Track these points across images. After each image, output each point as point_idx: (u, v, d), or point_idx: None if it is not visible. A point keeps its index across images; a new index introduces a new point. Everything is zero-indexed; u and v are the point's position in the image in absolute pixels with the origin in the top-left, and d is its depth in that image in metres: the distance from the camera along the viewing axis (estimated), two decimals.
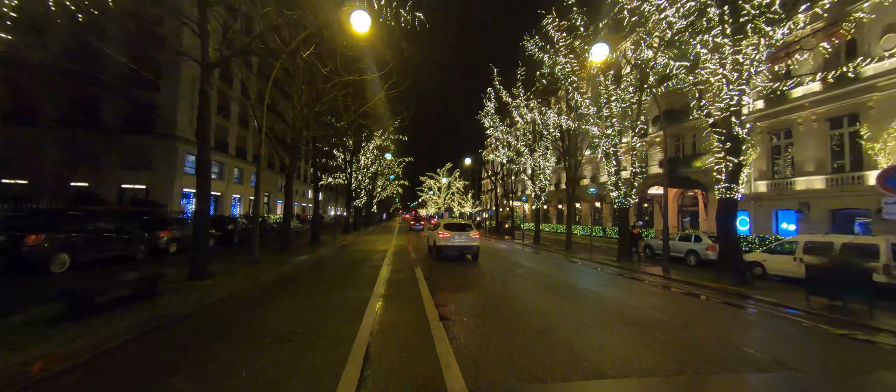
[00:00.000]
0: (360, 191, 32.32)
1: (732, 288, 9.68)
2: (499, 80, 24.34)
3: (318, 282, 8.55)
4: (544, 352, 4.37)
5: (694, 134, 25.18)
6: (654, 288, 10.03)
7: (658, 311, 6.98)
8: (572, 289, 9.08)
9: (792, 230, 18.67)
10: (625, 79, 14.39)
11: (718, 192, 10.52)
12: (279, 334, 4.76)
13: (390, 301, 6.66)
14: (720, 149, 10.34)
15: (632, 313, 6.67)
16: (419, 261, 12.98)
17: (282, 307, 6.34)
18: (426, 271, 10.52)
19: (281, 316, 5.70)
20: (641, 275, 12.65)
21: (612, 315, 6.46)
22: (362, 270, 10.44)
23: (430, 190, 77.00)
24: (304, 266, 11.01)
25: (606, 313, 6.56)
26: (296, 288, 7.79)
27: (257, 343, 4.48)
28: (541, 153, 24.39)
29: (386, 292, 7.38)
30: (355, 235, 27.23)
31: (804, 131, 17.89)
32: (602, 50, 12.32)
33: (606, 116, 15.07)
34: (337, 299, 6.75)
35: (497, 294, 7.97)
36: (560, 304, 7.24)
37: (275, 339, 4.61)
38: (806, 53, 9.04)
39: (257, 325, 5.25)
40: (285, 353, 4.17)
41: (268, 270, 9.34)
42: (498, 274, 10.72)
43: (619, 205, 15.39)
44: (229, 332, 5.03)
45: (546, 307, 6.89)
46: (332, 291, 7.50)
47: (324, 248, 16.07)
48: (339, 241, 21.34)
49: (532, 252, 19.19)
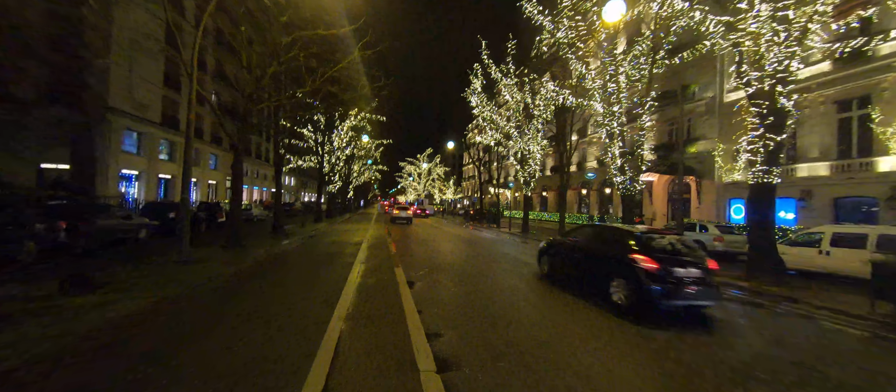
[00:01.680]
0: (333, 175, 29.56)
1: (770, 289, 8.28)
2: (487, 55, 22.17)
3: (257, 293, 6.25)
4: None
5: (689, 118, 24.20)
6: None
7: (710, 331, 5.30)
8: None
9: (791, 219, 17.97)
10: (640, 43, 12.61)
11: (753, 176, 9.01)
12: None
13: (359, 330, 4.45)
14: (757, 124, 8.78)
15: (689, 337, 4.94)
16: (401, 257, 10.91)
17: (168, 351, 3.80)
18: (410, 272, 8.47)
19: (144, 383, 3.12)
20: None
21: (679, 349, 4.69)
22: (327, 272, 8.25)
23: (410, 176, 74.44)
24: (250, 266, 8.67)
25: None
26: (221, 306, 5.47)
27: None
28: (531, 136, 22.63)
29: (353, 310, 5.25)
30: (328, 224, 24.69)
31: (809, 114, 16.96)
32: (617, 8, 10.44)
33: (614, 91, 13.34)
34: (279, 325, 4.55)
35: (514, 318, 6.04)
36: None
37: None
38: (871, 8, 7.46)
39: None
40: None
41: (192, 276, 6.97)
42: (506, 278, 8.83)
43: (623, 191, 13.84)
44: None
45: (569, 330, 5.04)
46: (275, 310, 5.27)
47: (287, 240, 13.66)
48: (307, 230, 18.84)
49: (522, 243, 17.53)
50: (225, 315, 4.93)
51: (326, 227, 21.88)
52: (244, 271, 8.03)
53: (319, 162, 25.72)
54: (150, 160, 23.84)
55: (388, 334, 4.25)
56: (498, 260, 11.17)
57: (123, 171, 21.87)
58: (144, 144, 23.35)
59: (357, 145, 32.12)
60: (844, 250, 9.71)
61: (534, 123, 22.37)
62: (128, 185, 22.76)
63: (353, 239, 15.42)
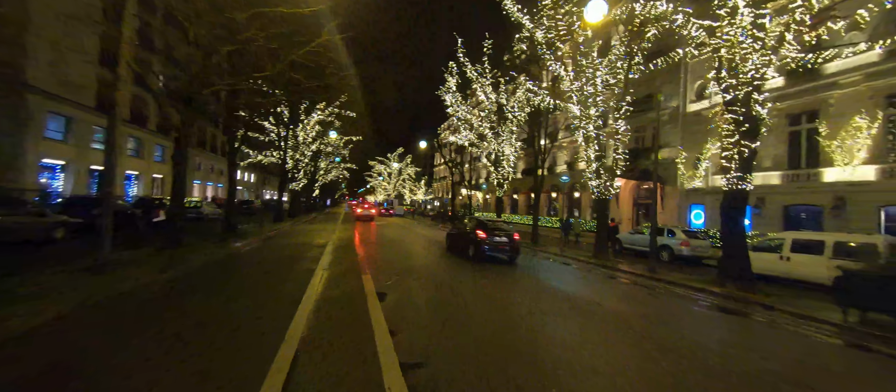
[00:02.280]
0: (297, 172, 27.72)
1: (740, 293, 8.33)
2: (463, 53, 21.67)
3: (183, 311, 4.97)
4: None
5: (654, 126, 25.09)
6: (648, 293, 8.30)
7: (684, 333, 4.98)
8: (570, 299, 6.86)
9: (747, 225, 19.02)
10: (617, 47, 12.57)
11: (728, 182, 9.08)
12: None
13: (315, 365, 3.41)
14: (732, 131, 8.84)
15: (656, 334, 4.56)
16: (370, 261, 10.00)
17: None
18: (380, 279, 7.62)
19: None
20: (624, 273, 11.11)
21: (629, 335, 4.26)
22: (283, 281, 7.20)
23: (380, 176, 72.59)
24: (186, 274, 7.42)
25: (623, 334, 4.35)
26: (119, 334, 4.11)
27: None
28: (505, 138, 22.41)
29: (311, 333, 4.31)
30: (290, 224, 22.99)
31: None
32: (599, 8, 10.21)
33: (590, 94, 13.24)
34: (203, 368, 3.38)
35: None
36: (556, 319, 4.92)
37: None
38: (841, 21, 7.68)
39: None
40: None
41: (99, 288, 5.69)
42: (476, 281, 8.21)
43: (598, 195, 13.78)
44: None
45: (563, 338, 4.50)
46: (202, 339, 4.18)
47: (240, 241, 12.24)
48: (266, 231, 17.27)
49: None
50: (124, 348, 3.71)
51: (288, 228, 20.29)
52: (177, 279, 6.79)
53: (282, 157, 23.93)
54: (81, 149, 20.95)
55: (353, 370, 3.41)
56: (469, 263, 10.57)
57: (46, 160, 19.00)
58: (74, 131, 20.47)
59: (324, 141, 30.40)
60: (804, 256, 10.08)
61: (508, 125, 22.18)
62: (51, 176, 19.82)
63: (317, 241, 14.21)
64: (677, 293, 8.57)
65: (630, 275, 10.93)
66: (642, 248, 15.81)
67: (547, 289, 7.87)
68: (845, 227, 14.42)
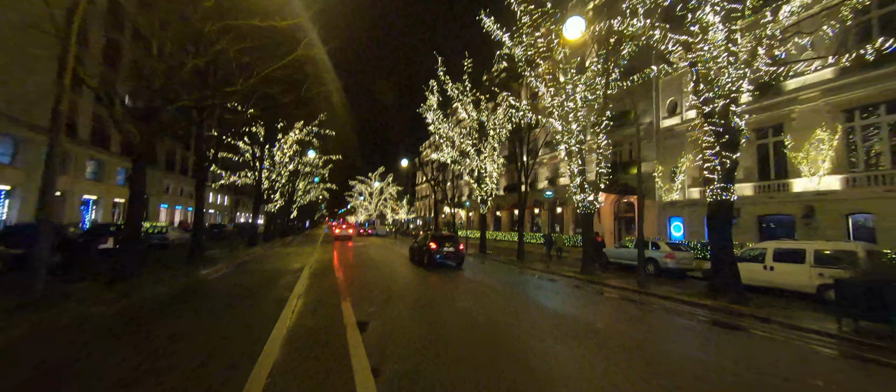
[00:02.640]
0: (273, 193, 26.60)
1: (733, 306, 8.19)
2: (444, 71, 21.76)
3: (117, 358, 4.12)
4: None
5: (630, 141, 25.85)
6: (641, 309, 8.03)
7: (690, 353, 4.66)
8: (556, 316, 6.46)
9: None
10: (595, 63, 12.78)
11: (711, 194, 9.11)
12: None
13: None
14: (713, 143, 8.94)
15: (661, 354, 4.21)
16: (350, 286, 9.31)
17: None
18: (361, 306, 6.99)
19: None
20: (613, 289, 10.89)
21: (635, 357, 3.90)
22: (252, 312, 6.47)
23: (361, 195, 71.33)
24: (137, 308, 6.57)
25: (628, 356, 3.97)
26: None
27: None
28: (487, 154, 22.37)
29: (277, 381, 3.71)
30: (265, 248, 21.76)
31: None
32: (577, 25, 10.37)
33: (571, 109, 13.35)
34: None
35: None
36: (559, 348, 4.50)
37: None
38: (806, 38, 8.00)
39: None
40: None
41: (23, 328, 4.86)
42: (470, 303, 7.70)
43: (583, 210, 13.70)
44: None
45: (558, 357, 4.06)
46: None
47: (207, 268, 11.25)
48: (238, 256, 16.16)
49: (489, 264, 16.67)
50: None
51: (262, 252, 19.14)
52: (123, 316, 5.94)
53: (256, 178, 22.89)
54: (31, 173, 19.25)
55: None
56: (459, 286, 10.06)
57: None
58: (24, 153, 18.85)
59: (302, 161, 29.50)
60: (787, 265, 10.17)
61: (490, 142, 22.19)
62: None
63: (293, 265, 13.32)
64: (671, 308, 8.34)
65: (619, 290, 10.70)
66: (628, 261, 15.77)
67: (542, 311, 7.46)
68: (816, 234, 14.91)
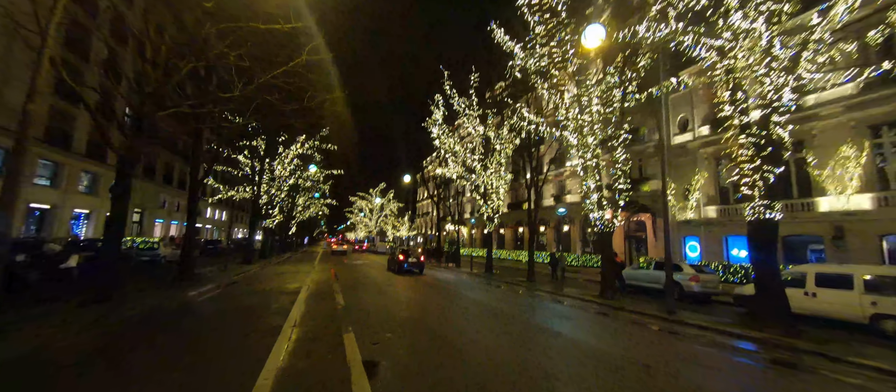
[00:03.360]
0: (272, 208, 25.75)
1: (785, 339, 7.23)
2: (450, 85, 21.34)
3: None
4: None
5: (640, 158, 25.23)
6: (680, 342, 7.04)
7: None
8: (596, 354, 5.48)
9: (744, 257, 18.50)
10: (612, 75, 12.20)
11: (751, 212, 8.29)
12: None
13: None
14: (752, 157, 8.19)
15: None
16: (352, 313, 8.36)
17: None
18: (367, 338, 6.04)
19: None
20: (638, 316, 9.92)
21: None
22: (237, 346, 5.54)
23: (361, 211, 70.38)
24: (102, 339, 5.64)
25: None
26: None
27: None
28: (493, 170, 21.67)
29: None
30: (260, 266, 20.73)
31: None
32: (597, 33, 9.82)
33: (587, 122, 12.71)
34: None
35: None
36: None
37: None
38: (853, 43, 7.38)
39: None
40: None
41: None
42: (490, 336, 6.73)
43: (601, 228, 12.84)
44: None
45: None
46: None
47: (195, 289, 10.29)
48: (231, 274, 15.17)
49: (493, 286, 15.65)
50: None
51: (258, 270, 18.13)
52: (85, 347, 5.00)
53: (254, 192, 22.08)
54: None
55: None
56: (471, 313, 9.09)
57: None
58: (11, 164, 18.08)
59: (302, 175, 28.81)
60: (831, 291, 9.24)
61: (496, 157, 21.54)
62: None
63: (289, 286, 12.34)
64: (717, 342, 7.35)
65: (649, 317, 9.71)
66: (647, 284, 14.77)
67: (577, 347, 6.50)
68: (848, 257, 14.01)
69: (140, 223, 30.84)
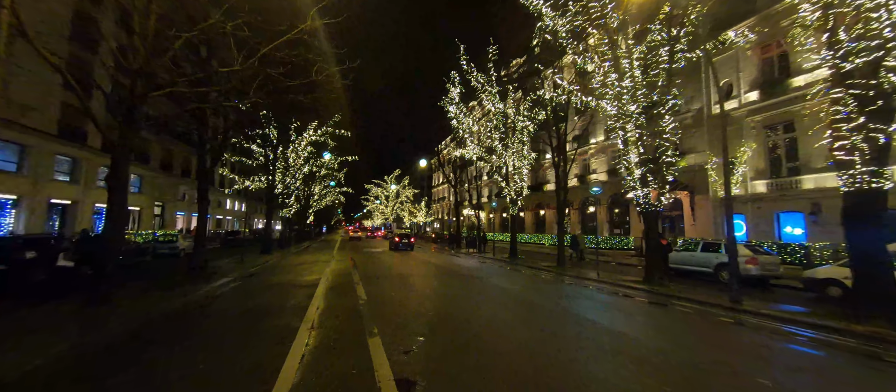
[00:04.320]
0: (288, 197, 25.27)
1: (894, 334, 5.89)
2: (466, 60, 19.86)
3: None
4: None
5: (678, 131, 23.23)
6: (772, 339, 5.80)
7: None
8: (670, 360, 4.33)
9: (798, 235, 16.74)
10: (660, 30, 10.65)
11: (851, 181, 6.82)
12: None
13: None
14: (854, 113, 6.66)
15: None
16: (375, 309, 7.47)
17: None
18: (397, 344, 5.11)
19: None
20: (699, 305, 8.65)
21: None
22: (245, 356, 4.69)
23: (377, 199, 70.12)
24: (91, 348, 4.90)
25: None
26: None
27: None
28: (515, 150, 20.30)
29: None
30: (279, 256, 20.33)
31: (810, 123, 16.09)
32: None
33: (629, 88, 11.23)
34: None
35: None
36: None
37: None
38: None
39: None
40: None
41: None
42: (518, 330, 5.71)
43: (646, 206, 11.49)
44: None
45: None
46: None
47: (208, 284, 9.66)
48: (248, 266, 14.65)
49: (527, 273, 14.60)
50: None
51: (276, 261, 17.65)
52: (63, 362, 4.23)
53: (269, 181, 21.53)
54: (37, 181, 18.41)
55: None
56: (506, 303, 8.08)
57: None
58: (29, 160, 18.00)
59: (317, 162, 28.20)
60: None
61: (518, 136, 20.14)
62: (0, 213, 17.18)
63: (307, 278, 11.62)
64: (816, 341, 6.07)
65: (709, 307, 8.44)
66: (692, 267, 13.39)
67: (640, 345, 5.39)
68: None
69: (162, 216, 31.11)
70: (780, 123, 17.39)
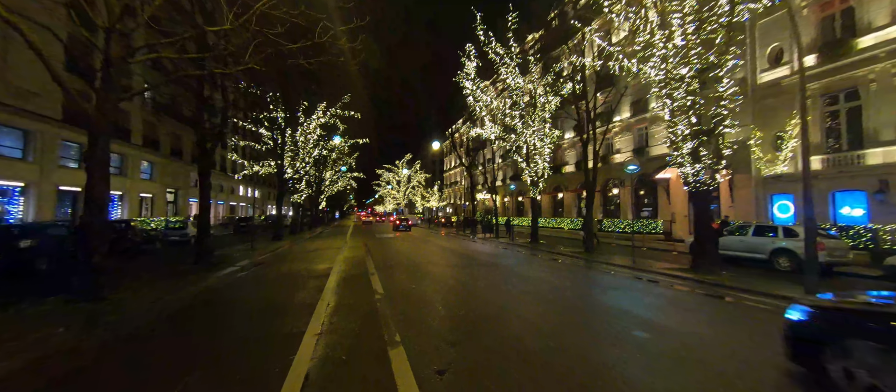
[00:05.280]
0: (299, 182, 24.53)
1: None
2: (483, 30, 18.26)
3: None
4: None
5: (739, 96, 21.26)
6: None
7: None
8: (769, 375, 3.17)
9: (858, 216, 15.01)
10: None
11: None
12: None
13: None
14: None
15: None
16: (395, 304, 6.48)
17: None
18: (423, 355, 4.08)
19: None
20: (768, 298, 7.36)
21: None
22: (244, 366, 3.70)
23: (388, 184, 69.37)
24: (49, 365, 3.98)
25: None
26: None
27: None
28: (536, 128, 18.86)
29: None
30: (291, 242, 19.68)
31: (880, 89, 14.12)
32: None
33: (681, 48, 9.70)
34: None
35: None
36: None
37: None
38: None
39: None
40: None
41: None
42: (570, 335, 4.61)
43: (696, 185, 10.11)
44: None
45: None
46: None
47: (212, 275, 8.86)
48: (259, 253, 13.94)
49: (552, 260, 13.45)
50: None
51: (288, 247, 16.95)
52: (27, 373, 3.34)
53: (278, 165, 20.71)
54: (44, 167, 18.00)
55: None
56: (540, 296, 6.98)
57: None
58: (35, 146, 17.53)
59: (327, 145, 27.29)
60: None
61: (538, 113, 18.65)
62: (7, 200, 16.85)
63: (319, 266, 10.74)
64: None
65: (776, 301, 7.15)
66: (743, 253, 12.00)
67: (728, 357, 4.23)
68: None
69: (175, 203, 30.94)
70: (841, 90, 15.40)
